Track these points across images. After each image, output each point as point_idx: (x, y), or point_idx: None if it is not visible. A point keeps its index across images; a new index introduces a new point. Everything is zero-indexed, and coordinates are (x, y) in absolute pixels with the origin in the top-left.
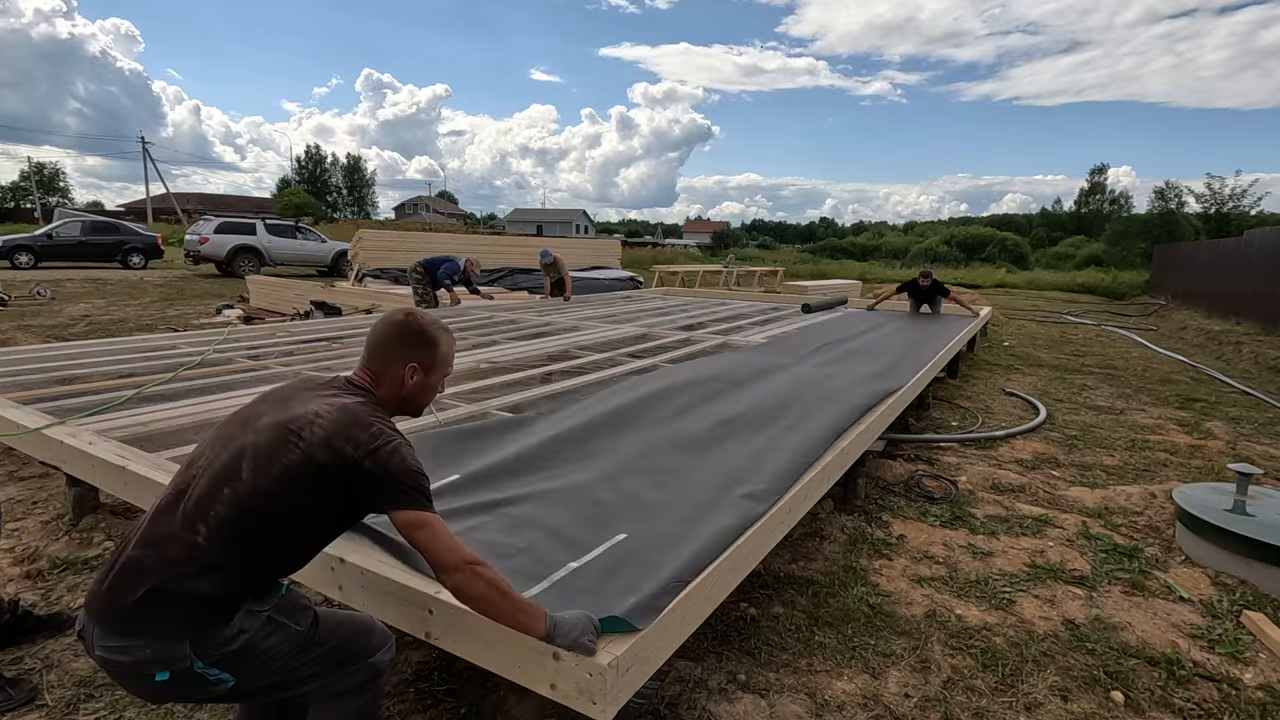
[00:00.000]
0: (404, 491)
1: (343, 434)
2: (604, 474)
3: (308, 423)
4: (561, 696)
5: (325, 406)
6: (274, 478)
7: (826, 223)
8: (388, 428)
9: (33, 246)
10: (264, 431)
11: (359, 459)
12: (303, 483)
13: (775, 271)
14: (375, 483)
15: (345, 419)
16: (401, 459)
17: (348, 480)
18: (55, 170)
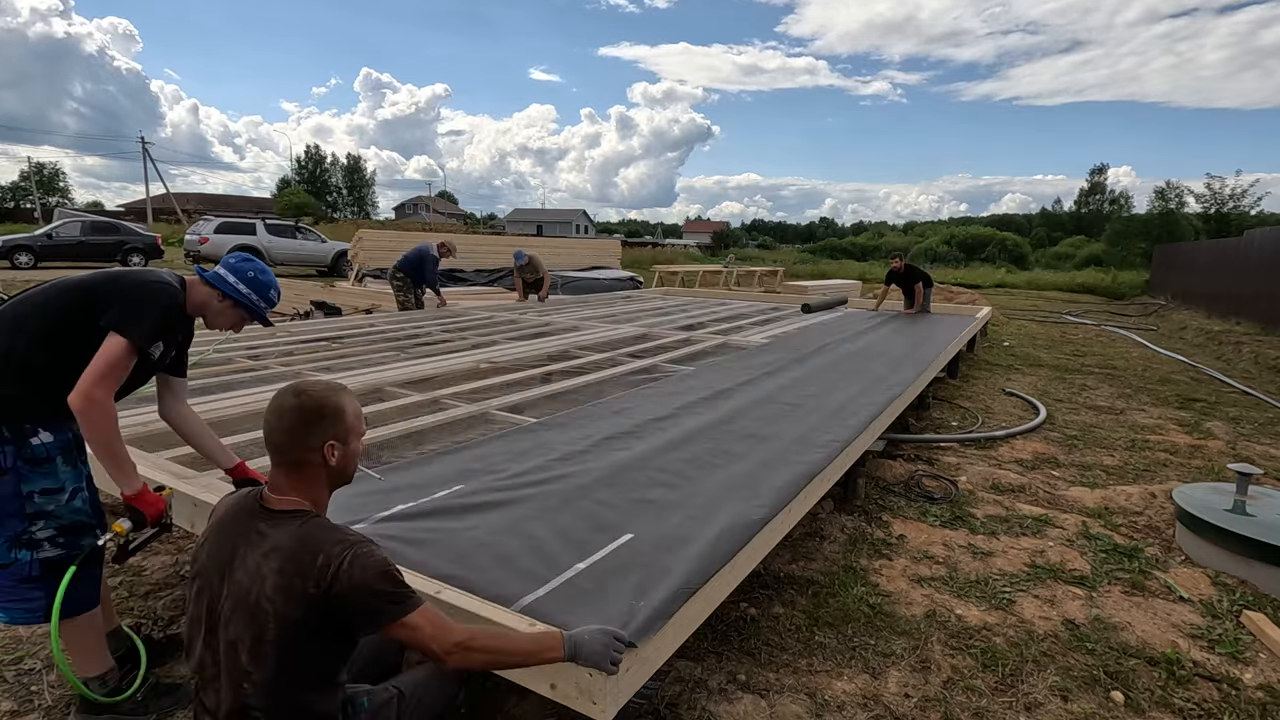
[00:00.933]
0: (381, 607)
1: (299, 574)
2: (610, 474)
3: (260, 591)
4: (561, 696)
5: (264, 560)
6: (272, 658)
7: (826, 223)
8: (334, 543)
9: (33, 246)
10: (234, 622)
11: (323, 593)
12: (294, 641)
13: (775, 271)
14: (351, 608)
15: (290, 566)
16: (363, 570)
17: (326, 613)
18: (55, 170)
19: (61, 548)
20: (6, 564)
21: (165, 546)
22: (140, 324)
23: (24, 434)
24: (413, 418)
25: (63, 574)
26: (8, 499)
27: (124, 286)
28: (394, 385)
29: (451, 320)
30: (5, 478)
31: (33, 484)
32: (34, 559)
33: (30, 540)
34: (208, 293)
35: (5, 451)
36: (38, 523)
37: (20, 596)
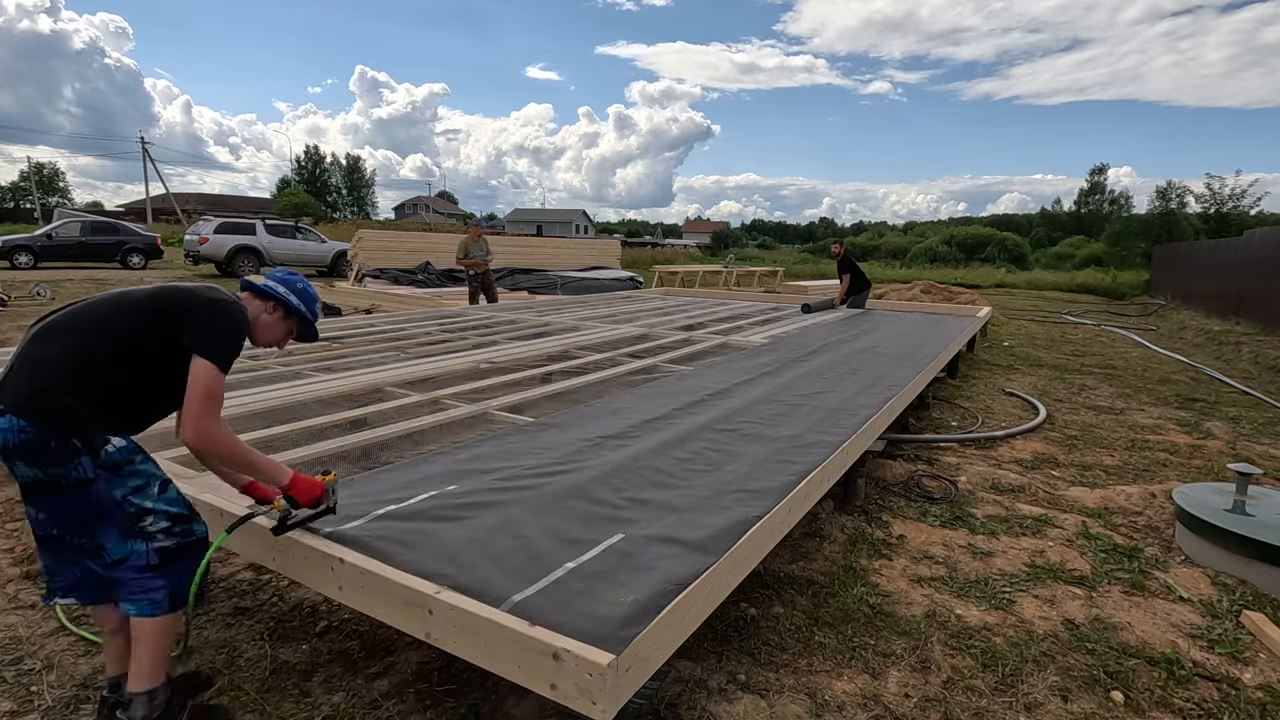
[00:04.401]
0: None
1: None
2: (606, 474)
3: None
4: (561, 697)
5: None
6: None
7: (826, 223)
8: None
9: (32, 247)
10: None
11: None
12: None
13: (775, 271)
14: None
15: None
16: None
17: None
18: (54, 170)
19: (176, 536)
20: (123, 557)
21: None
22: (226, 347)
23: (96, 445)
24: (412, 418)
25: (179, 562)
26: (106, 504)
27: (202, 306)
28: (394, 385)
29: (451, 320)
30: (95, 486)
31: (122, 487)
32: (150, 549)
33: (143, 532)
34: (258, 305)
35: (83, 463)
36: (145, 519)
37: (142, 588)
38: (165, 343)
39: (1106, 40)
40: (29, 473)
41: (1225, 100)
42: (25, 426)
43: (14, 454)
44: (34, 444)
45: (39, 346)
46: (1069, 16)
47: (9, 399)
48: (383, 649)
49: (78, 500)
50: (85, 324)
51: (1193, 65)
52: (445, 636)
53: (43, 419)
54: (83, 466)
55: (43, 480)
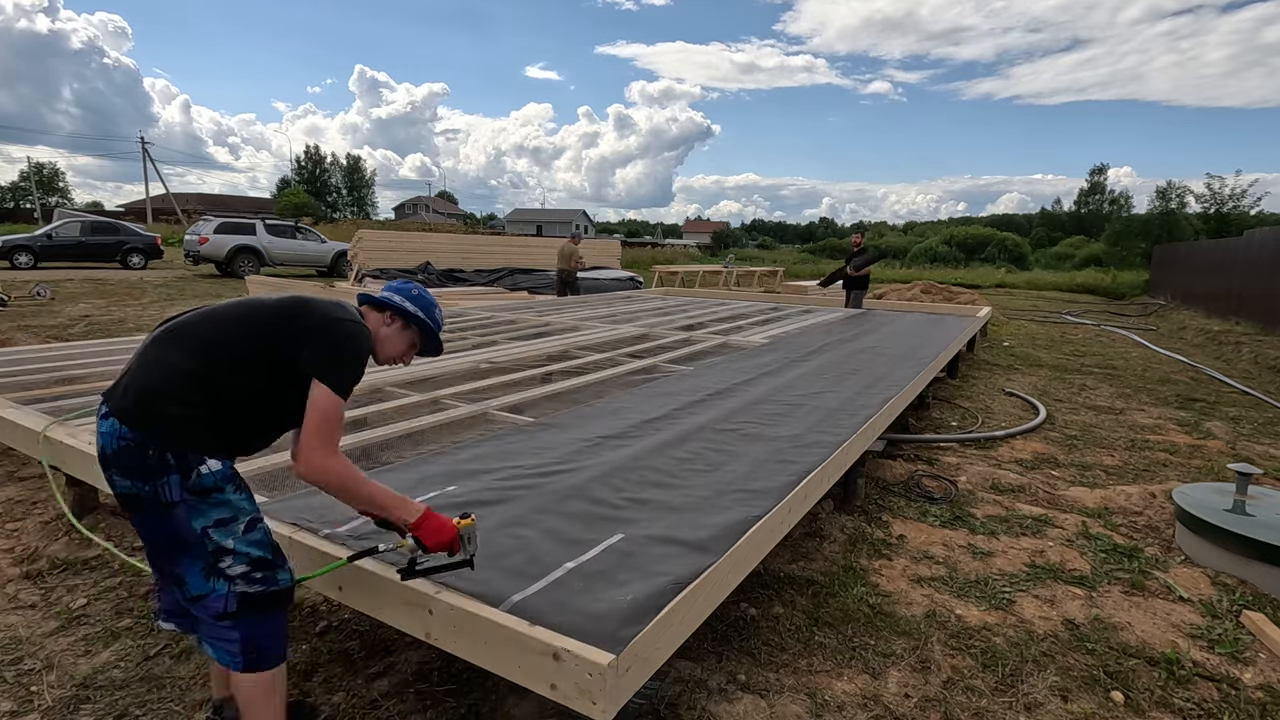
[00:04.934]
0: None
1: None
2: (605, 474)
3: None
4: (561, 697)
5: None
6: None
7: (826, 223)
8: None
9: (32, 247)
10: None
11: None
12: None
13: (775, 271)
14: None
15: None
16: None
17: None
18: (54, 170)
19: (257, 584)
20: (202, 595)
21: None
22: (347, 370)
23: (189, 464)
24: (412, 418)
25: (257, 614)
26: (185, 534)
27: (322, 324)
28: (394, 385)
29: (451, 320)
30: (175, 511)
31: (204, 518)
32: (230, 592)
33: (224, 574)
34: (376, 318)
35: (170, 483)
36: (225, 559)
37: (219, 635)
38: (285, 360)
39: (1107, 40)
40: (124, 484)
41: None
42: (126, 433)
43: (111, 461)
44: (131, 453)
45: (157, 349)
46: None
47: (117, 401)
48: (383, 649)
49: (162, 523)
50: (208, 330)
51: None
52: (445, 636)
53: (144, 426)
54: (169, 487)
55: (137, 495)
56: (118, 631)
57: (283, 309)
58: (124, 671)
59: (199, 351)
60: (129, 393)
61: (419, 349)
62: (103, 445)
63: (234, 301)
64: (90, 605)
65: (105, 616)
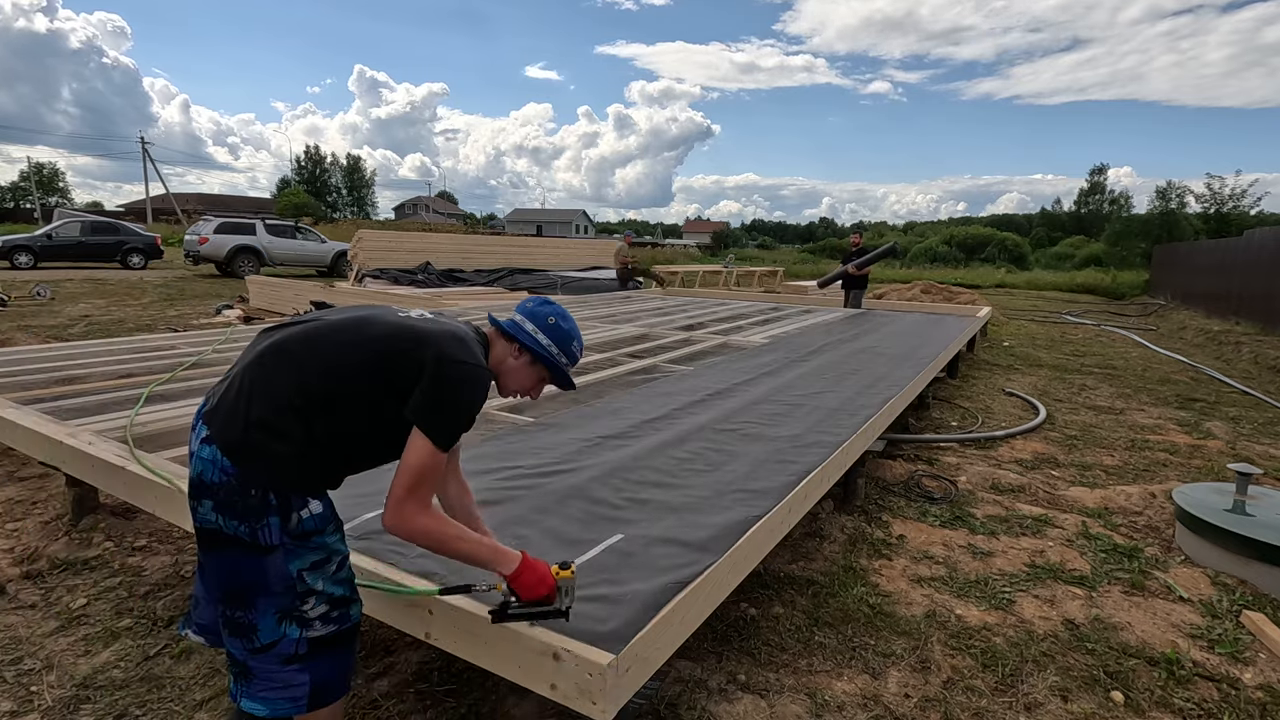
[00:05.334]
0: None
1: None
2: (605, 474)
3: None
4: (561, 697)
5: None
6: None
7: (826, 223)
8: None
9: (32, 247)
10: None
11: None
12: None
13: (775, 271)
14: None
15: None
16: None
17: None
18: (54, 170)
19: (334, 623)
20: (273, 642)
21: (165, 546)
22: (453, 422)
23: (291, 505)
24: None
25: (329, 653)
26: (277, 578)
27: (435, 362)
28: None
29: None
30: (273, 555)
31: (301, 561)
32: (302, 636)
33: (301, 617)
34: (503, 347)
35: (270, 525)
36: (308, 600)
37: (283, 682)
38: (396, 397)
39: (1107, 40)
40: (212, 519)
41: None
42: (229, 467)
43: (207, 492)
44: (232, 489)
45: (261, 372)
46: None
47: (219, 426)
48: (383, 649)
49: (248, 566)
50: (316, 358)
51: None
52: (445, 636)
53: (250, 461)
54: (269, 530)
55: (220, 531)
56: (118, 631)
57: (396, 337)
58: (124, 671)
59: (308, 382)
60: (234, 421)
61: (549, 383)
62: (200, 472)
63: (340, 320)
64: (90, 605)
65: (105, 616)
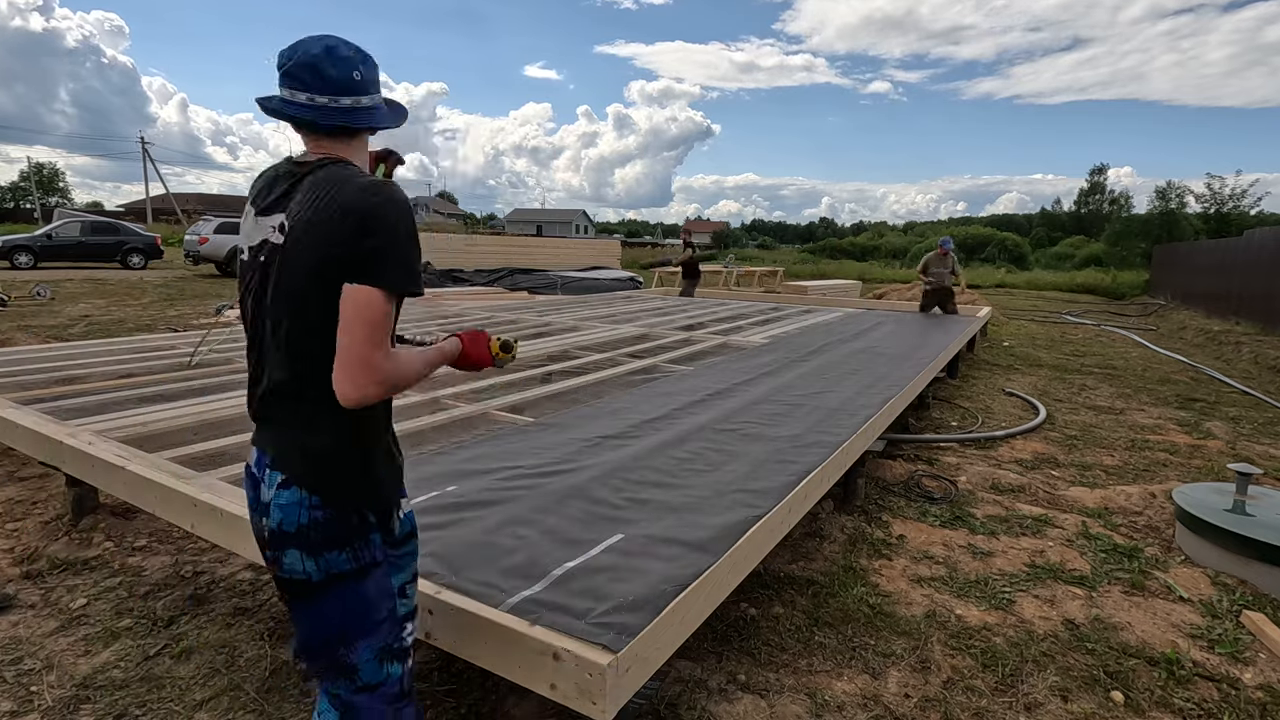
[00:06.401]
0: None
1: None
2: (605, 474)
3: None
4: (561, 697)
5: None
6: None
7: (826, 223)
8: None
9: (32, 247)
10: None
11: None
12: None
13: (775, 271)
14: None
15: None
16: None
17: None
18: (54, 170)
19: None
20: (378, 682)
21: (164, 546)
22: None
23: (390, 513)
24: (413, 418)
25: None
26: (379, 599)
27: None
28: None
29: (452, 320)
30: (374, 574)
31: (403, 572)
32: (405, 670)
33: (401, 650)
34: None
35: (373, 541)
36: (406, 627)
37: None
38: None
39: (1108, 39)
40: (299, 569)
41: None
42: (319, 503)
43: (289, 541)
44: (328, 526)
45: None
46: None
47: (283, 457)
48: None
49: (349, 599)
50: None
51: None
52: (445, 636)
53: (340, 491)
54: (373, 547)
55: (310, 581)
56: (118, 631)
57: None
58: (124, 671)
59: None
60: (301, 448)
61: None
62: (279, 522)
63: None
64: (90, 605)
65: (105, 616)
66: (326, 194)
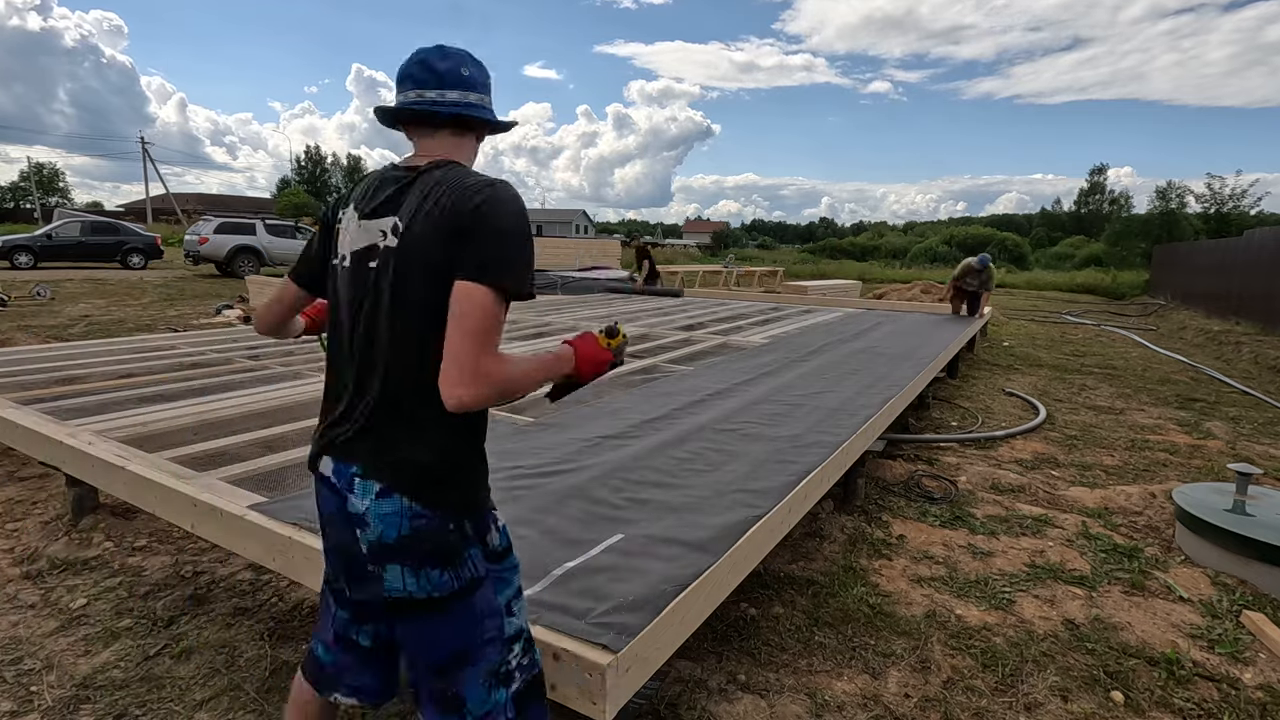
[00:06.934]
0: None
1: None
2: (605, 474)
3: None
4: (561, 697)
5: None
6: None
7: (826, 223)
8: None
9: (32, 247)
10: None
11: None
12: None
13: (775, 271)
14: None
15: None
16: None
17: None
18: (54, 170)
19: (529, 669)
20: (486, 712)
21: (165, 546)
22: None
23: (485, 525)
24: None
25: (531, 708)
26: (485, 617)
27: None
28: None
29: None
30: (480, 591)
31: (509, 587)
32: (509, 696)
33: (507, 673)
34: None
35: (473, 556)
36: (514, 647)
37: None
38: None
39: (1108, 39)
40: (399, 586)
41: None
42: (422, 511)
43: (390, 556)
44: (433, 535)
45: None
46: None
47: (379, 466)
48: None
49: (457, 623)
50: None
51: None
52: None
53: (440, 493)
54: (474, 561)
55: (412, 598)
56: (118, 631)
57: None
58: (124, 671)
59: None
60: (405, 452)
61: None
62: (379, 535)
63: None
64: (90, 605)
65: (105, 616)
66: (443, 193)
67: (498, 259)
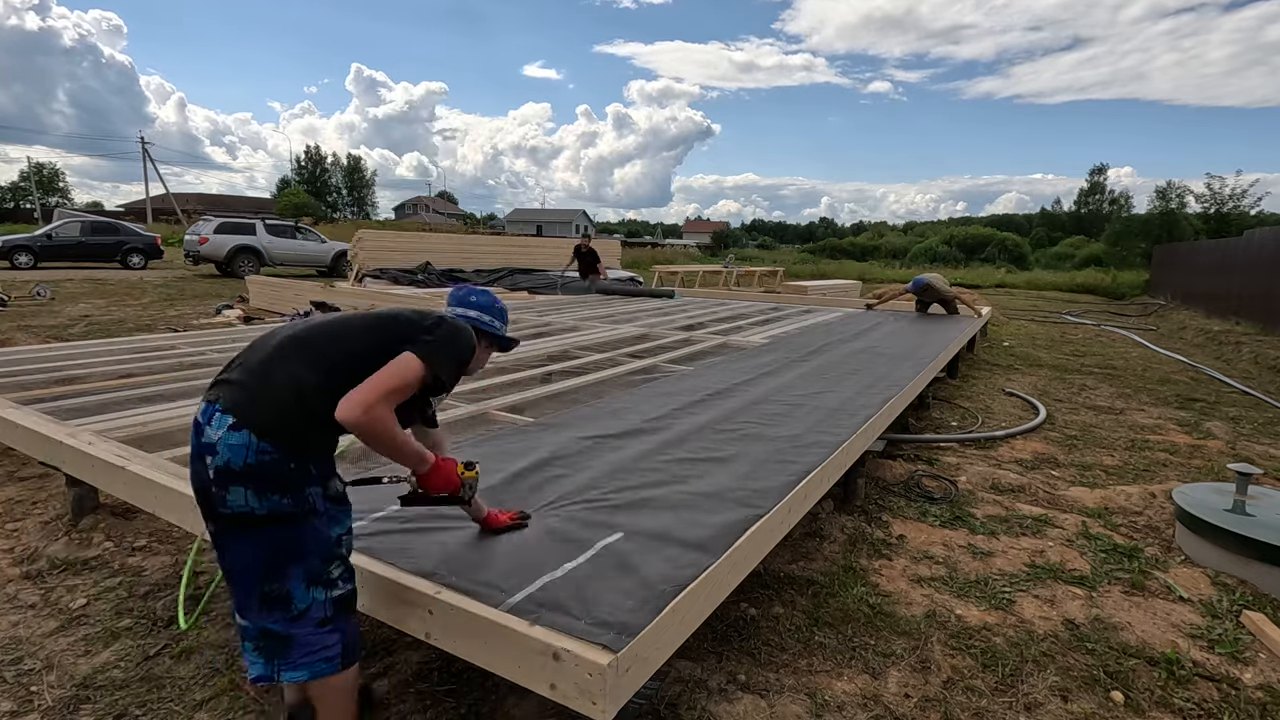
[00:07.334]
0: None
1: None
2: (605, 474)
3: None
4: (561, 697)
5: None
6: None
7: (826, 223)
8: None
9: (32, 247)
10: None
11: None
12: None
13: (775, 271)
14: None
15: None
16: None
17: None
18: (54, 170)
19: (349, 581)
20: (306, 608)
21: (165, 546)
22: (445, 355)
23: (328, 474)
24: None
25: (347, 612)
26: (316, 545)
27: (446, 321)
28: None
29: None
30: (314, 522)
31: (341, 525)
32: (329, 597)
33: (327, 579)
34: None
35: (313, 493)
36: (334, 563)
37: (319, 644)
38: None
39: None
40: (242, 503)
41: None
42: (268, 447)
43: (239, 476)
44: (273, 466)
45: (288, 361)
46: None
47: (249, 412)
48: (383, 649)
49: (285, 538)
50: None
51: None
52: (445, 636)
53: (290, 439)
54: (314, 498)
55: (252, 514)
56: (118, 631)
57: (401, 313)
58: (124, 671)
59: (335, 364)
60: (267, 405)
61: (494, 349)
62: (227, 460)
63: (352, 314)
64: (90, 605)
65: (105, 616)
66: None
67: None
